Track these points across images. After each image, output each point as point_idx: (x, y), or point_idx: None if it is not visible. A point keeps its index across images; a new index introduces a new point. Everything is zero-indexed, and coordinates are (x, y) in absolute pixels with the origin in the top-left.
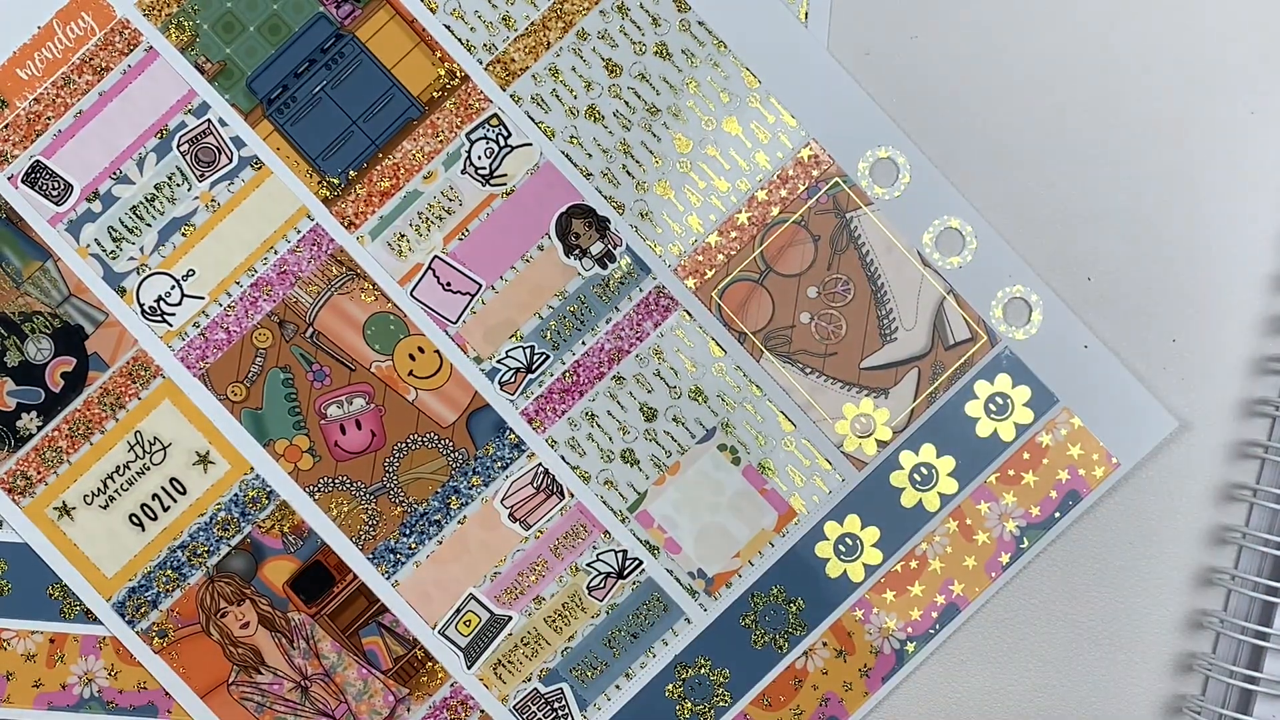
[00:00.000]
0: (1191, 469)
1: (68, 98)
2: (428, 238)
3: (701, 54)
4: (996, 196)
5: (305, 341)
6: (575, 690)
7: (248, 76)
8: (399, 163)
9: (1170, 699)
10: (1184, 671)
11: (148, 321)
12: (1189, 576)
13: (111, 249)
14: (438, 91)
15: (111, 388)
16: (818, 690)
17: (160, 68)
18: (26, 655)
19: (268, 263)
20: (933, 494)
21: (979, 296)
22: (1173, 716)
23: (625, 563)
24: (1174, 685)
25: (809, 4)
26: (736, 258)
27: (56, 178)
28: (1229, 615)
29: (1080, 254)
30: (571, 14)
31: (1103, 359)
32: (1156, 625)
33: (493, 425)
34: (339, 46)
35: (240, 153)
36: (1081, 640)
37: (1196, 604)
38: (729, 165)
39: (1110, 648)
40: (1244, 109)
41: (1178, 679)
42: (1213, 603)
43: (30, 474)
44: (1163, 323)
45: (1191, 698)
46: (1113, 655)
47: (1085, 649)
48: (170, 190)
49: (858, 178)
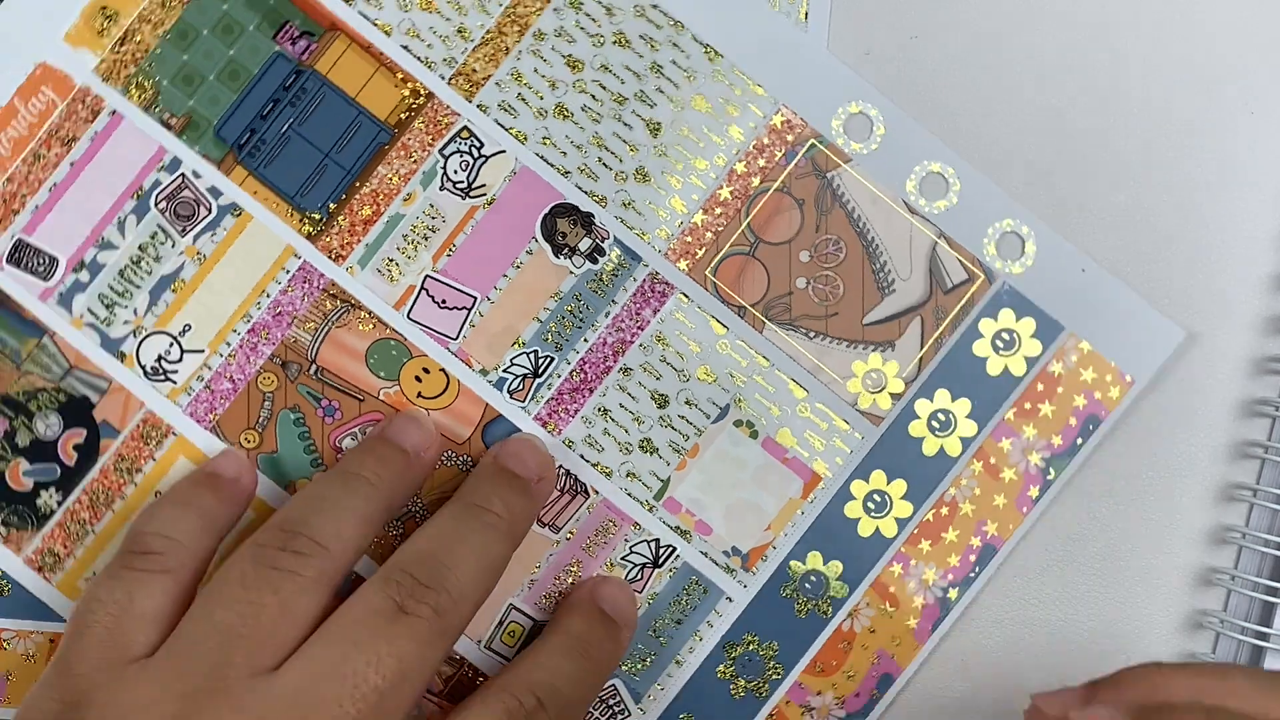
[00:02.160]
0: (1191, 469)
1: (40, 173)
2: (416, 259)
3: (660, 36)
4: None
5: (310, 379)
6: (627, 684)
7: (215, 125)
8: (377, 189)
9: None
10: None
11: (151, 382)
12: (1189, 576)
13: (105, 316)
14: (405, 112)
15: (125, 453)
16: (868, 650)
17: (127, 129)
18: (26, 655)
19: (261, 306)
20: (953, 439)
21: (970, 236)
22: None
23: (659, 551)
24: None
25: (809, 4)
26: (724, 233)
27: (41, 254)
28: (1229, 615)
29: (1079, 249)
30: (526, 16)
31: (1102, 280)
32: (1156, 626)
33: (508, 434)
34: (300, 83)
35: (218, 202)
36: (1074, 647)
37: (1196, 604)
38: (704, 143)
39: (1109, 650)
40: (1244, 109)
41: None
42: (1212, 603)
43: (58, 550)
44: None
45: None
46: (1112, 656)
47: (1077, 656)
48: (155, 249)
49: (833, 136)
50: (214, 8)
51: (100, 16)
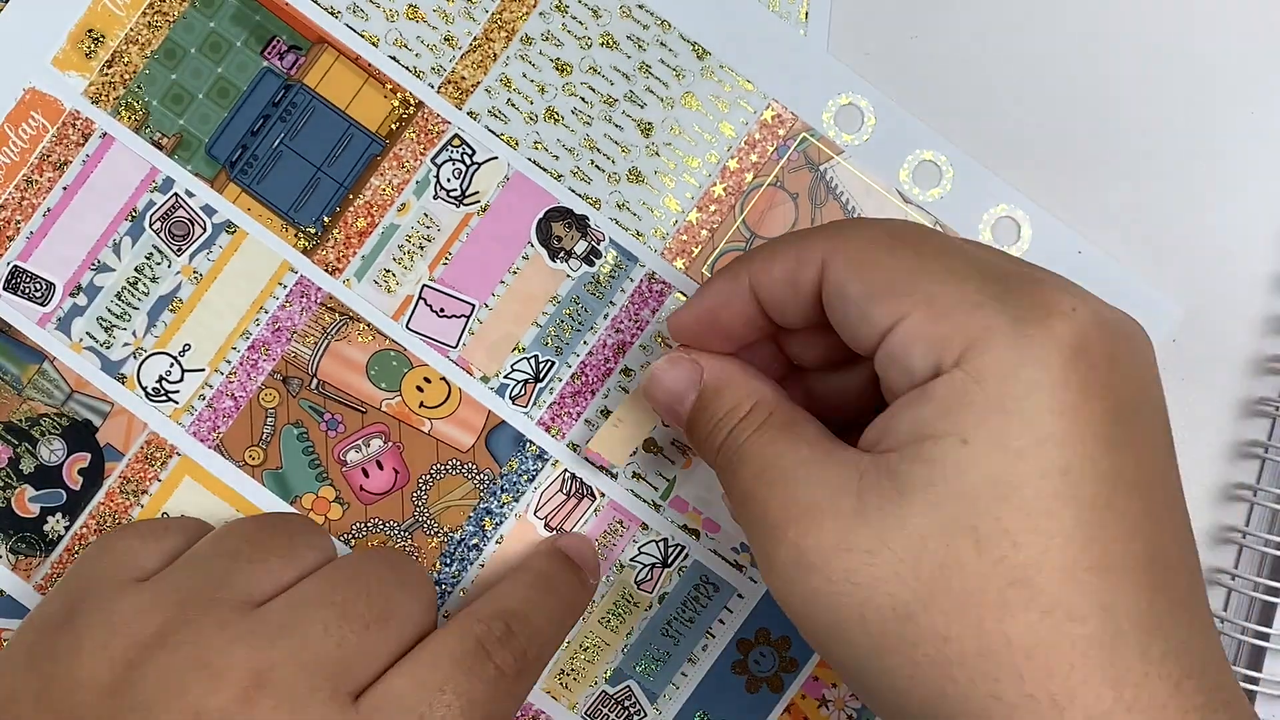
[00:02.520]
0: (1191, 469)
1: (33, 198)
2: (413, 269)
3: (648, 36)
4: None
5: (312, 393)
6: (643, 685)
7: (206, 144)
8: (370, 200)
9: None
10: None
11: (154, 403)
12: None
13: (104, 339)
14: (395, 123)
15: (130, 475)
16: None
17: (119, 151)
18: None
19: (260, 323)
20: None
21: (966, 223)
22: None
23: (668, 551)
24: None
25: (809, 4)
26: (720, 230)
27: (37, 279)
28: (1229, 615)
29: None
30: (512, 21)
31: (1098, 262)
32: None
33: (512, 440)
34: (290, 97)
35: (212, 220)
36: None
37: None
38: (695, 141)
39: None
40: (1244, 109)
41: None
42: (1213, 602)
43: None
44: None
45: None
46: None
47: None
48: (151, 270)
49: (824, 129)
50: (201, 26)
51: (87, 39)
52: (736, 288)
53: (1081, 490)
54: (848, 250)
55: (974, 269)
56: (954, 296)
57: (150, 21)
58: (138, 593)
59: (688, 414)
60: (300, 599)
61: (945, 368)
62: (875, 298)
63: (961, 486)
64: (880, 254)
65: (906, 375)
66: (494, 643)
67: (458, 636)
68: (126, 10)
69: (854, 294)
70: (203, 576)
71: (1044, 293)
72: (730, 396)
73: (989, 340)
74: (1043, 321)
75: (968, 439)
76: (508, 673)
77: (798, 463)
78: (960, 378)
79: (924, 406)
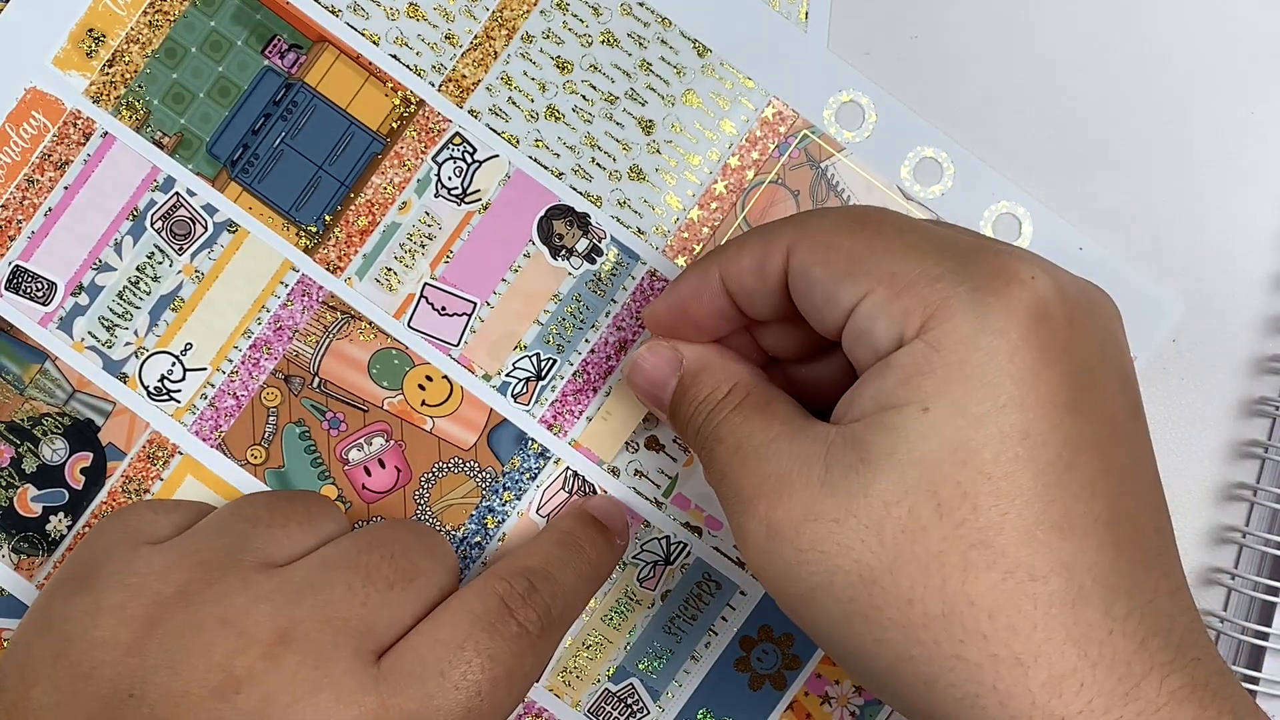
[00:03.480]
0: (1192, 469)
1: (34, 198)
2: (414, 267)
3: (648, 34)
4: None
5: (314, 392)
6: (645, 682)
7: (207, 143)
8: (372, 199)
9: None
10: None
11: (155, 402)
12: (1189, 576)
13: (106, 338)
14: (396, 121)
15: (133, 474)
16: None
17: (120, 151)
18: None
19: (262, 322)
20: None
21: (967, 220)
22: None
23: (670, 548)
24: None
25: (809, 4)
26: (721, 228)
27: (39, 279)
28: (1229, 615)
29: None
30: (513, 20)
31: (1099, 258)
32: None
33: (514, 438)
34: (291, 96)
35: (214, 219)
36: None
37: (1197, 604)
38: (696, 138)
39: None
40: (1244, 109)
41: None
42: (1213, 603)
43: None
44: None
45: None
46: None
47: None
48: (152, 269)
49: (825, 126)
50: (201, 25)
51: (88, 39)
52: (707, 280)
53: (1041, 453)
54: (811, 235)
55: (934, 244)
56: (914, 271)
57: (151, 21)
58: (157, 554)
59: (669, 400)
60: (323, 561)
61: (907, 339)
62: (838, 278)
63: (923, 453)
64: (842, 237)
65: (871, 350)
66: (516, 600)
67: (479, 595)
68: (127, 9)
69: (818, 276)
70: (223, 539)
71: (1003, 262)
72: (709, 380)
73: (948, 310)
74: (1001, 290)
75: (928, 406)
76: (531, 630)
77: (769, 439)
78: (920, 347)
79: (886, 377)
